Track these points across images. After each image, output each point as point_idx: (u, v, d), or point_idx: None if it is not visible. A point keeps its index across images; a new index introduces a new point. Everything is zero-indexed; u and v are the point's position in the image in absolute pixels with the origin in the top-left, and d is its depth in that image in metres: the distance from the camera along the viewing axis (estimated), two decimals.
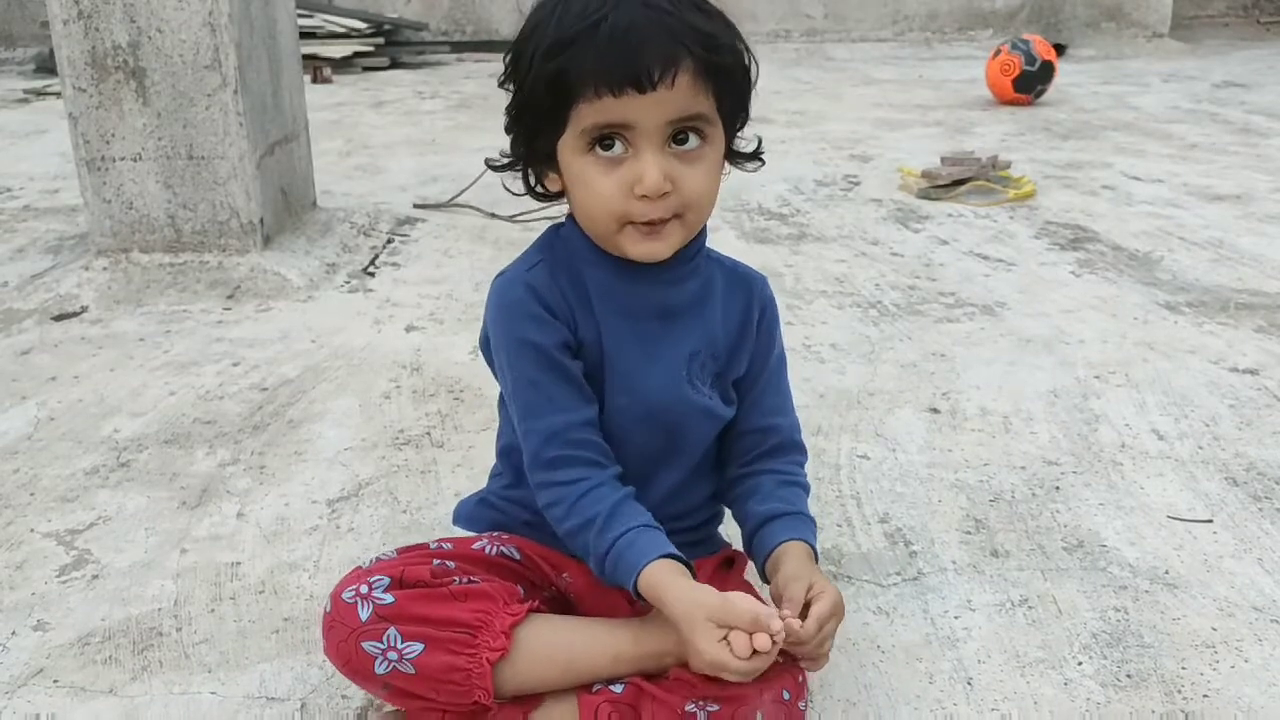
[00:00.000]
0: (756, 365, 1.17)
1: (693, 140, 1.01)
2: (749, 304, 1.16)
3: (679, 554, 1.02)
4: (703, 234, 1.12)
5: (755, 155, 1.12)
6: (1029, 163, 3.59)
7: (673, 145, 1.00)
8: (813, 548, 1.12)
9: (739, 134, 1.09)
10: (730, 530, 1.24)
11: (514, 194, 1.14)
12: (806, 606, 1.02)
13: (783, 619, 0.96)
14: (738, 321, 1.15)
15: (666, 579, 1.00)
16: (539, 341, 1.05)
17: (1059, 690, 1.15)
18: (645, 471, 1.12)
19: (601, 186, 1.01)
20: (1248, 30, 7.73)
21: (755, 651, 0.95)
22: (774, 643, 0.95)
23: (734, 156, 1.10)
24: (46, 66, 5.80)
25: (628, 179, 1.00)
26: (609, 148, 1.00)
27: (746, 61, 1.04)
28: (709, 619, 0.96)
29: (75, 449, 1.70)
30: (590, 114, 0.98)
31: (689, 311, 1.12)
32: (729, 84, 1.02)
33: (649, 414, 1.10)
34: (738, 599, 0.97)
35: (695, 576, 1.03)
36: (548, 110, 1.01)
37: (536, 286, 1.07)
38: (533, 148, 1.05)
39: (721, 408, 1.15)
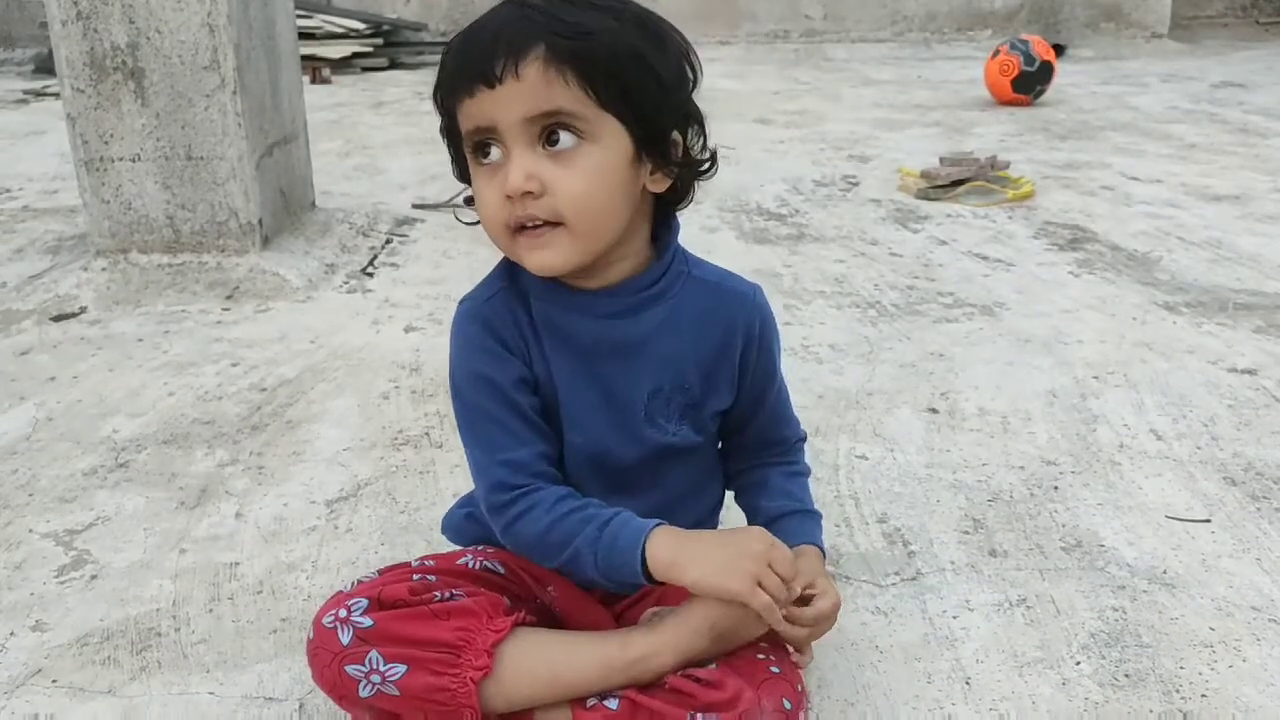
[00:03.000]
0: (756, 393, 1.13)
1: (565, 139, 0.94)
2: (731, 327, 1.09)
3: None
4: (669, 255, 1.06)
5: (702, 170, 1.03)
6: (1028, 163, 3.59)
7: (546, 146, 0.95)
8: (821, 548, 1.14)
9: (694, 145, 1.01)
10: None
11: (465, 222, 1.10)
12: (802, 600, 1.04)
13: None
14: (714, 347, 1.08)
15: (682, 530, 1.02)
16: (495, 378, 1.03)
17: (1057, 690, 1.15)
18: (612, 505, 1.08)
19: (485, 195, 0.98)
20: (1246, 31, 7.73)
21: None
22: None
23: (682, 169, 1.01)
24: (45, 67, 5.80)
25: (502, 183, 0.96)
26: (486, 153, 0.97)
27: (642, 53, 0.95)
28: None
29: (74, 449, 1.70)
30: (464, 120, 0.97)
31: (648, 345, 1.05)
32: (605, 74, 0.93)
33: (603, 455, 1.07)
34: None
35: None
36: (447, 129, 1.00)
37: (491, 319, 1.04)
38: (457, 167, 1.04)
39: (691, 439, 1.10)
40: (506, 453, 1.03)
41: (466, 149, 0.99)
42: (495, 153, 0.97)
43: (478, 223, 1.04)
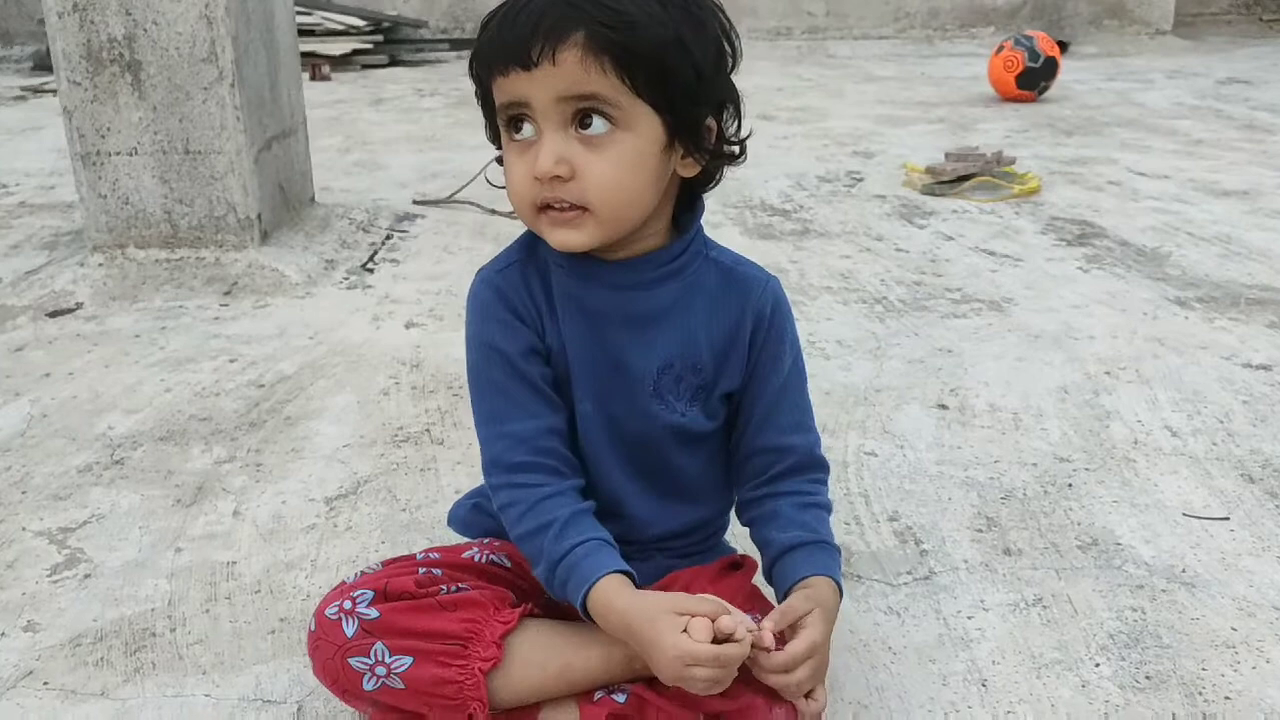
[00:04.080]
0: (759, 379, 1.08)
1: (597, 124, 0.93)
2: (742, 311, 1.06)
3: (632, 572, 0.97)
4: (691, 234, 1.05)
5: (732, 157, 1.02)
6: (1033, 159, 3.56)
7: (579, 129, 0.94)
8: (838, 582, 1.04)
9: (728, 130, 1.00)
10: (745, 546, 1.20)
11: (497, 186, 1.11)
12: (793, 630, 0.97)
13: (755, 629, 0.93)
14: (727, 330, 1.06)
15: (621, 590, 0.95)
16: (504, 348, 1.02)
17: (1076, 692, 1.12)
18: (622, 486, 1.06)
19: (514, 169, 0.97)
20: (1250, 28, 7.70)
21: (719, 641, 0.90)
22: (738, 637, 0.90)
23: (713, 156, 1.00)
24: (43, 64, 5.77)
25: (532, 161, 0.95)
26: (519, 129, 0.96)
27: (684, 41, 0.93)
28: (670, 610, 0.92)
29: (69, 446, 1.67)
30: (498, 94, 0.96)
31: (662, 319, 1.04)
32: (644, 64, 0.91)
33: (612, 425, 1.05)
34: (701, 596, 0.95)
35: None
36: (482, 96, 1.00)
37: (504, 289, 1.03)
38: (492, 138, 1.03)
39: (700, 423, 1.06)
40: (509, 424, 1.02)
41: (500, 121, 0.98)
42: (528, 129, 0.96)
43: (504, 186, 1.03)
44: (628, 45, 0.91)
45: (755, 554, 1.13)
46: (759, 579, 1.12)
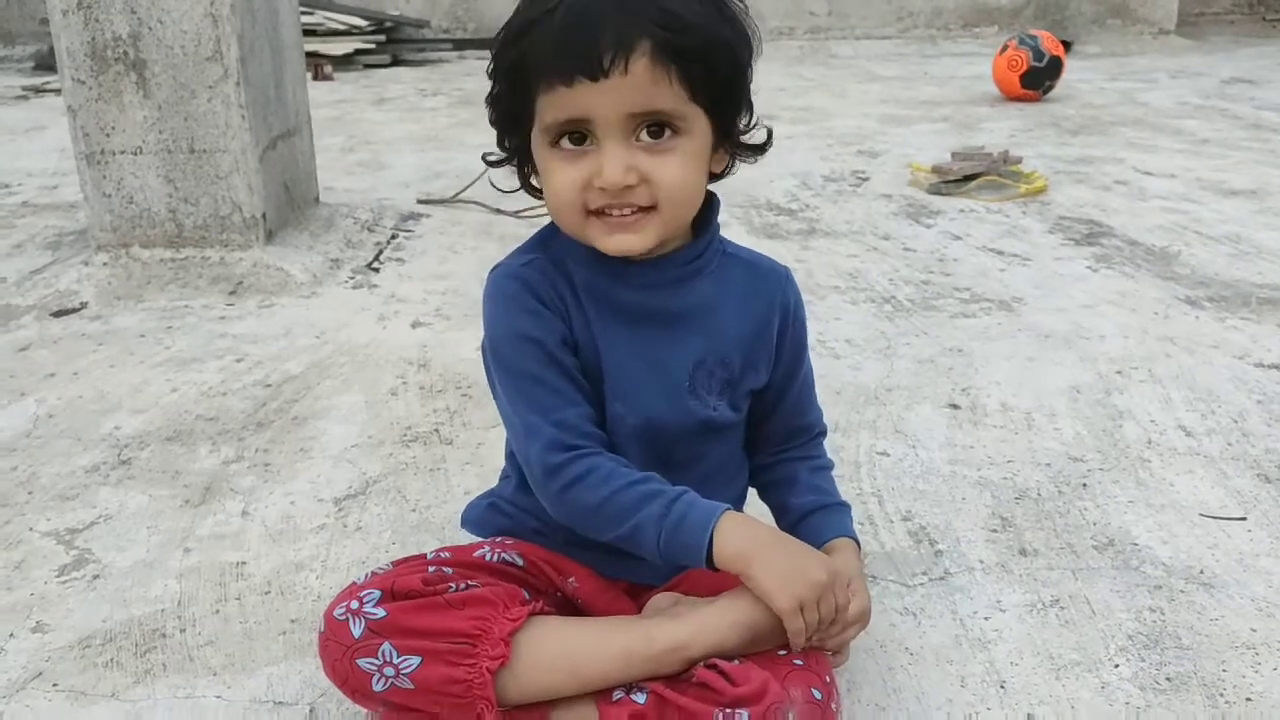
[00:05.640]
0: (790, 370, 1.13)
1: (666, 135, 0.95)
2: (769, 305, 1.09)
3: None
4: (712, 231, 1.07)
5: (760, 148, 1.05)
6: (1039, 158, 3.55)
7: (644, 138, 0.94)
8: (855, 539, 1.12)
9: (744, 124, 1.02)
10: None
11: (502, 190, 1.12)
12: None
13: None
14: (754, 323, 1.08)
15: (752, 521, 1.01)
16: (538, 336, 1.01)
17: (1096, 694, 1.10)
18: None
19: (562, 178, 0.96)
20: (1253, 27, 7.69)
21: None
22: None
23: (740, 149, 1.03)
24: (45, 64, 5.76)
25: (589, 171, 0.95)
26: (579, 141, 0.95)
27: (729, 41, 0.95)
28: None
29: (75, 446, 1.66)
30: (550, 108, 0.94)
31: (694, 316, 1.05)
32: (700, 68, 0.93)
33: (647, 425, 1.05)
34: None
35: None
36: (512, 102, 0.98)
37: (530, 281, 1.03)
38: (510, 143, 1.02)
39: (728, 416, 1.09)
40: (556, 413, 1.01)
41: (544, 135, 0.96)
42: (586, 141, 0.95)
43: (518, 190, 1.06)
44: (687, 50, 0.92)
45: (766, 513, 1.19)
46: None
